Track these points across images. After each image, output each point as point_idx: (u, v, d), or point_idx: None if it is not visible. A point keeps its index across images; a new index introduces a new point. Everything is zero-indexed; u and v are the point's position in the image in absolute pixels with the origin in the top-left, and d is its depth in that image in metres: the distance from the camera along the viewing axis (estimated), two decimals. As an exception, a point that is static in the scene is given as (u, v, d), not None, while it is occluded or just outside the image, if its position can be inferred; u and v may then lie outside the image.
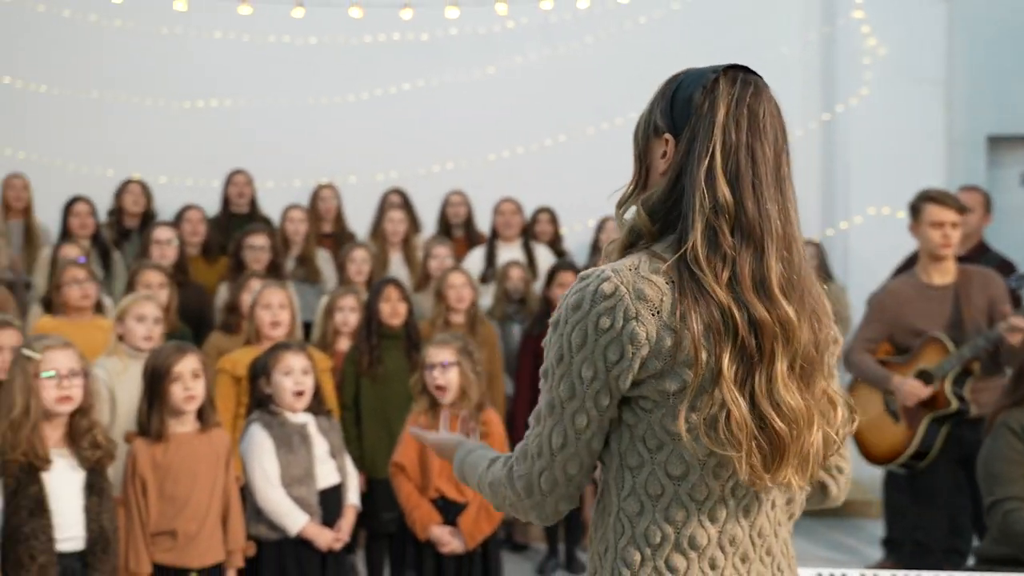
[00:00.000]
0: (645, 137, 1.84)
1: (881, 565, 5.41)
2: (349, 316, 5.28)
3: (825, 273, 6.89)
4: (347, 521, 4.08)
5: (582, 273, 1.75)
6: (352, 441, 4.83)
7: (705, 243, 1.68)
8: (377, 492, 4.76)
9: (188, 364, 3.74)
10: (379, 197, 7.32)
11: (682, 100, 1.76)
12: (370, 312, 5.01)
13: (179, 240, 6.16)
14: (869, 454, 5.03)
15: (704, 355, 1.66)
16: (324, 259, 6.77)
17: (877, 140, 7.33)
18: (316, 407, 4.07)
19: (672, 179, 1.75)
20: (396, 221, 6.83)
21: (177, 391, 3.70)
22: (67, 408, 3.43)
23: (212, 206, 7.38)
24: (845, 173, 7.63)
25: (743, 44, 6.77)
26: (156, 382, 3.72)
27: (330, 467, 4.06)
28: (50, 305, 5.30)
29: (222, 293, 5.99)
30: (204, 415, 3.78)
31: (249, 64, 8.08)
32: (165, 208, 7.47)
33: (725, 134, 1.71)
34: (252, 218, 7.27)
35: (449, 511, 4.10)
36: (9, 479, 3.29)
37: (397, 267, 6.83)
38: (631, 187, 1.86)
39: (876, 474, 5.64)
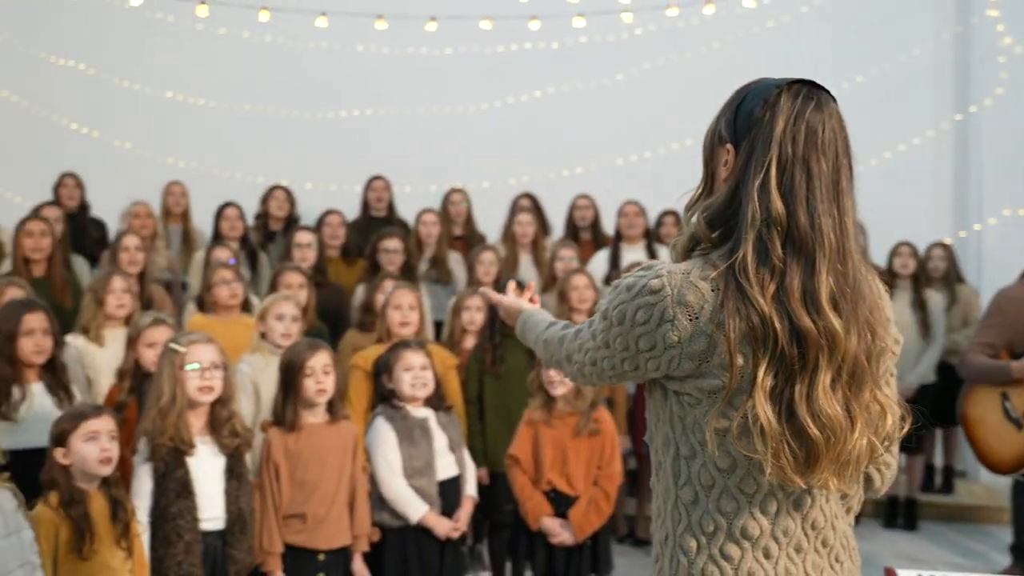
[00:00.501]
0: (711, 145, 1.92)
1: (1009, 571, 5.32)
2: (475, 315, 5.51)
3: (956, 276, 6.76)
4: (465, 512, 4.31)
5: (647, 262, 1.87)
6: (475, 435, 5.08)
7: (755, 255, 1.75)
8: (499, 484, 4.98)
9: (320, 360, 4.03)
10: (510, 201, 7.57)
11: (745, 112, 1.84)
12: (493, 312, 5.23)
13: (319, 243, 6.54)
14: (990, 463, 4.94)
15: (740, 361, 1.74)
16: (455, 261, 7.04)
17: (1011, 141, 7.15)
18: (437, 402, 4.31)
19: (731, 189, 1.84)
20: (525, 224, 7.05)
21: (309, 384, 3.99)
22: (209, 398, 3.76)
23: (353, 210, 7.77)
24: (978, 174, 7.47)
25: (874, 46, 6.74)
26: (290, 376, 4.03)
27: (449, 460, 4.30)
28: (203, 304, 5.71)
29: (359, 293, 6.31)
30: (333, 407, 4.07)
31: (388, 76, 8.45)
32: (310, 212, 7.89)
33: (781, 148, 1.77)
34: (390, 222, 7.61)
35: (560, 503, 4.29)
36: (158, 463, 3.64)
37: (527, 268, 7.04)
38: (698, 192, 1.96)
39: (1005, 480, 5.54)
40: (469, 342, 5.50)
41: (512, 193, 7.75)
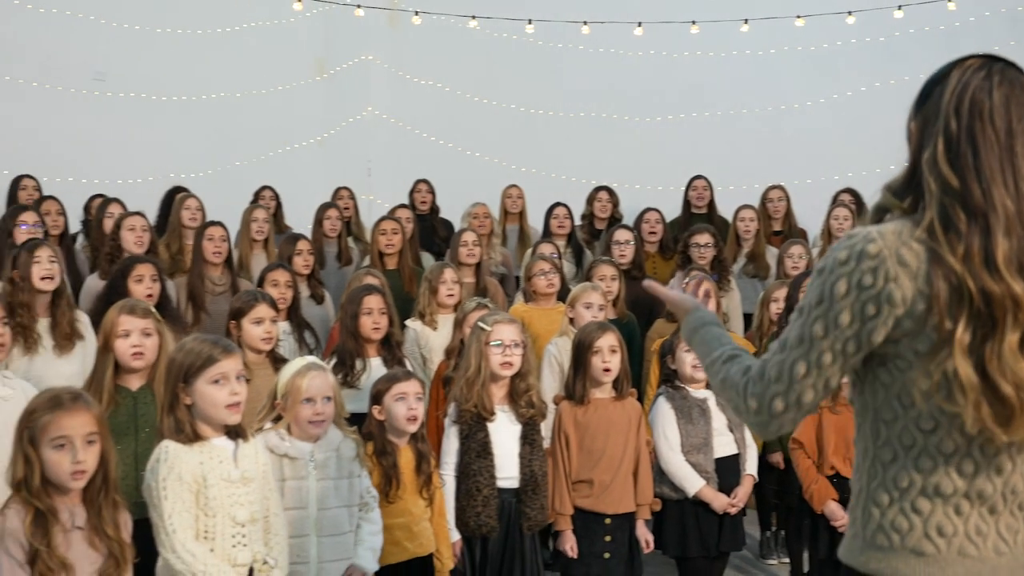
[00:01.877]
0: (908, 121, 2.02)
1: None
2: (782, 307, 5.65)
3: None
4: (743, 489, 4.51)
5: (850, 232, 1.97)
6: (770, 422, 5.22)
7: (940, 222, 1.86)
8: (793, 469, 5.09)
9: (607, 340, 4.39)
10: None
11: (925, 89, 1.97)
12: (789, 303, 5.36)
13: (638, 239, 6.91)
14: None
15: (948, 321, 1.84)
16: (772, 256, 7.15)
17: None
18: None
19: (911, 162, 1.96)
20: (841, 219, 7.02)
21: (597, 362, 4.37)
22: (509, 372, 4.23)
23: (676, 209, 8.09)
24: None
25: None
26: (581, 354, 4.43)
27: (728, 439, 4.52)
28: (526, 293, 6.27)
29: (671, 286, 6.60)
30: (619, 385, 4.42)
31: (711, 78, 8.66)
32: (636, 212, 8.29)
33: (947, 121, 1.88)
34: (710, 219, 7.85)
35: (843, 488, 4.36)
36: (463, 426, 4.18)
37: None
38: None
39: None
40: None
41: (836, 189, 7.71)
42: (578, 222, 7.98)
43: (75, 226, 7.40)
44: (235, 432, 3.18)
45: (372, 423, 3.92)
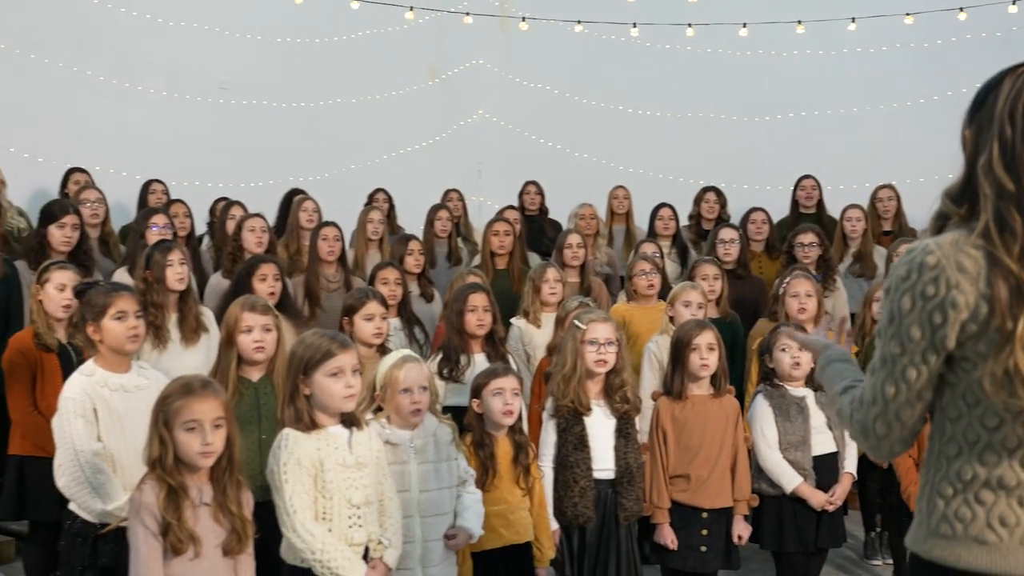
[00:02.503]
0: (963, 129, 2.11)
1: None
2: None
3: None
4: (842, 487, 4.53)
5: (908, 247, 2.07)
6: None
7: (996, 224, 1.94)
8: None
9: (705, 338, 4.47)
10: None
11: (979, 97, 2.05)
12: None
13: (744, 238, 6.93)
14: None
15: (1009, 321, 1.92)
16: (880, 255, 7.09)
17: None
18: (816, 383, 4.56)
19: (967, 168, 2.04)
20: (951, 218, 6.90)
21: (694, 359, 4.45)
22: (603, 369, 4.35)
23: (785, 209, 8.07)
24: None
25: None
26: (679, 351, 4.51)
27: (826, 437, 4.54)
28: (628, 293, 6.37)
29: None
30: (717, 382, 4.50)
31: (819, 77, 8.59)
32: (742, 212, 8.29)
33: (1001, 127, 1.95)
34: (819, 218, 7.81)
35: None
36: (560, 419, 4.31)
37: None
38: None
39: None
40: (876, 332, 5.62)
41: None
42: (685, 222, 8.03)
43: (200, 227, 7.78)
44: (350, 420, 3.39)
45: (471, 415, 4.09)
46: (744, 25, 7.17)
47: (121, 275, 5.75)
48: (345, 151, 10.00)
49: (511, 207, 8.18)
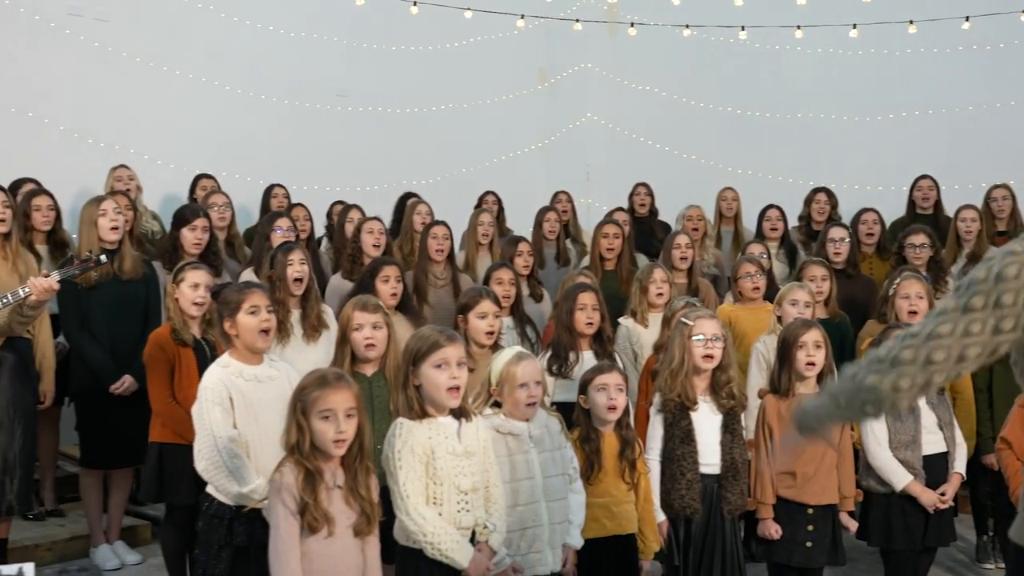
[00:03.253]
0: None
1: None
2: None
3: None
4: (951, 486, 4.54)
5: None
6: (985, 422, 5.23)
7: None
8: (1008, 473, 5.05)
9: (812, 336, 4.54)
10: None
11: None
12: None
13: (854, 239, 6.92)
14: None
15: None
16: (996, 256, 6.98)
17: None
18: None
19: None
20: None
21: (801, 358, 4.52)
22: (710, 365, 4.44)
23: (896, 210, 8.01)
24: None
25: None
26: (786, 349, 4.59)
27: (936, 437, 4.57)
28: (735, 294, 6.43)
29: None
30: (824, 380, 4.54)
31: (931, 76, 8.48)
32: (852, 213, 8.24)
33: None
34: (935, 219, 7.73)
35: (1054, 489, 4.32)
36: (667, 414, 4.44)
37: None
38: None
39: None
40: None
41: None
42: (795, 223, 8.03)
43: (319, 230, 8.11)
44: (459, 411, 3.58)
45: (578, 411, 4.24)
46: (854, 26, 7.15)
47: (248, 275, 6.08)
48: (456, 154, 10.27)
49: (620, 209, 8.29)
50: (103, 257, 4.81)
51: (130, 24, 8.46)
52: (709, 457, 4.38)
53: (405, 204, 8.20)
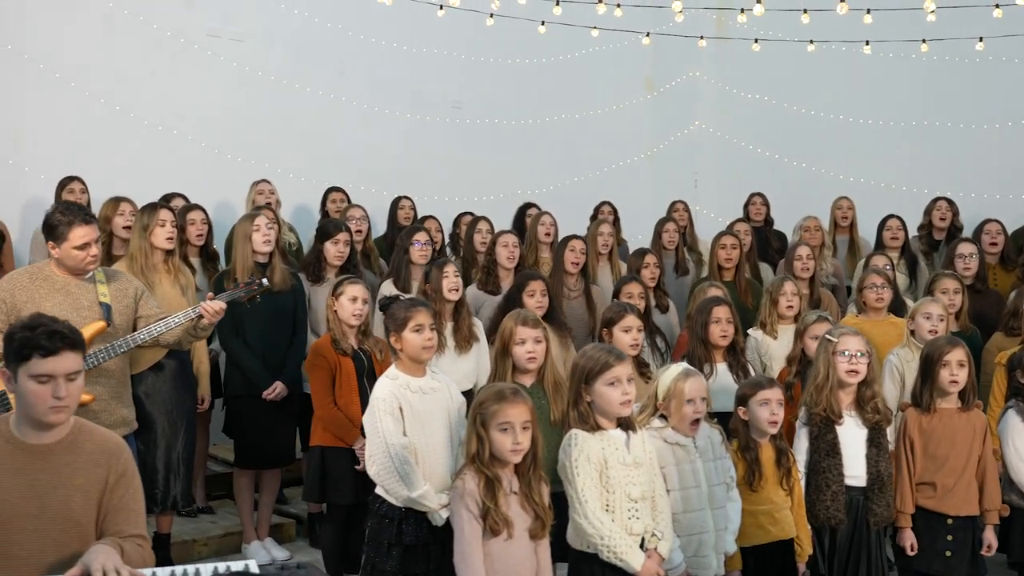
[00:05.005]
0: None
1: None
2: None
3: None
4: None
5: None
6: None
7: None
8: None
9: (956, 355, 4.62)
10: None
11: None
12: None
13: (981, 252, 6.94)
14: None
15: None
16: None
17: None
18: (1067, 399, 4.65)
19: None
20: None
21: (945, 375, 4.61)
22: (855, 379, 4.56)
23: (1018, 218, 7.97)
24: None
25: None
26: (930, 366, 4.68)
27: (1082, 451, 4.62)
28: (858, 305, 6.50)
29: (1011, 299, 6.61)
30: (966, 396, 4.64)
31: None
32: (976, 221, 8.15)
33: None
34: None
35: None
36: (813, 427, 4.57)
37: None
38: None
39: None
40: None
41: None
42: (915, 233, 8.03)
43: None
44: (627, 424, 3.80)
45: (737, 422, 4.42)
46: (980, 39, 7.16)
47: (388, 287, 6.37)
48: (568, 164, 10.47)
49: (740, 220, 8.37)
50: (265, 281, 5.08)
51: (262, 43, 8.83)
52: (854, 470, 4.50)
53: (524, 214, 8.43)
